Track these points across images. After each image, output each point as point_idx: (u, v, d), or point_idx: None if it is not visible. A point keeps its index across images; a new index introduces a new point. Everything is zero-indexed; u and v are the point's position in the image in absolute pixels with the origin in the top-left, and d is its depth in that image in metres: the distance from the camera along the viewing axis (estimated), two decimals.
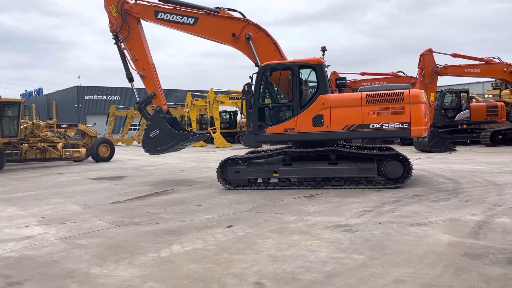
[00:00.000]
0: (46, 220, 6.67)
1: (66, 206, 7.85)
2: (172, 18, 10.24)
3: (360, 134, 8.57)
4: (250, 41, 9.65)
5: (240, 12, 10.04)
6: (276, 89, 9.27)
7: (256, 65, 9.55)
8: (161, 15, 10.28)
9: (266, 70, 8.98)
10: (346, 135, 8.62)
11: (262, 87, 8.98)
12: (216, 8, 10.02)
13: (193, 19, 10.13)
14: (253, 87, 8.99)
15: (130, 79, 11.15)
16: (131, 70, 10.97)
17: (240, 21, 9.89)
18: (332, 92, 9.05)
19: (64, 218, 6.80)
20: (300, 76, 8.86)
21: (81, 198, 8.79)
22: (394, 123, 8.28)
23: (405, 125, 8.23)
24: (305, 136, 8.75)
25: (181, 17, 10.18)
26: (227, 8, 10.06)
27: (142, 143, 10.71)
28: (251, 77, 9.09)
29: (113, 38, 10.87)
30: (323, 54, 9.63)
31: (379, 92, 8.50)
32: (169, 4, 10.28)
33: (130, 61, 10.92)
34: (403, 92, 8.31)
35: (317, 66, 8.79)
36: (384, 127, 8.32)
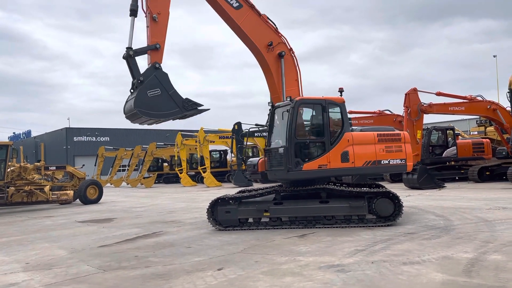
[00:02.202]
0: (31, 266, 6.47)
1: (52, 251, 7.64)
2: None
3: (376, 170, 9.19)
4: (283, 60, 9.48)
5: (276, 27, 9.95)
6: (306, 124, 9.34)
7: (274, 91, 9.28)
8: None
9: (301, 104, 8.99)
10: (366, 170, 9.07)
11: (296, 122, 8.78)
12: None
13: (237, 3, 9.63)
14: (284, 121, 8.82)
15: (134, 12, 8.82)
16: (139, 3, 8.91)
17: (279, 35, 9.72)
18: None
19: (49, 263, 6.60)
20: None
21: (68, 242, 8.57)
22: (396, 159, 9.17)
23: (403, 161, 9.22)
24: (336, 172, 8.98)
25: None
26: (267, 17, 9.85)
27: (135, 101, 8.29)
28: (272, 105, 9.07)
29: None
30: (341, 95, 9.87)
31: (385, 132, 9.33)
32: None
33: None
34: (400, 133, 9.46)
35: (342, 105, 9.07)
36: (391, 163, 9.11)
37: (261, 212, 8.76)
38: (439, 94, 18.06)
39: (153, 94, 8.19)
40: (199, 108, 8.71)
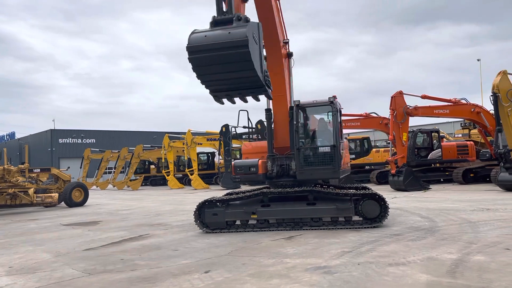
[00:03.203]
0: (14, 270, 6.36)
1: (36, 254, 7.52)
2: None
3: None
4: (291, 59, 9.31)
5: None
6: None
7: (279, 90, 8.91)
8: None
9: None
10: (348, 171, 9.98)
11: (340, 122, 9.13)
12: None
13: None
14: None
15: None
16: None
17: (283, 35, 9.31)
18: None
19: (33, 267, 6.50)
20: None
21: (52, 245, 8.45)
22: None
23: None
24: (345, 173, 9.58)
25: None
26: None
27: (247, 29, 6.23)
28: (297, 104, 8.92)
29: None
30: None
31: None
32: None
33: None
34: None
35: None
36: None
37: (249, 214, 8.76)
38: (424, 97, 18.30)
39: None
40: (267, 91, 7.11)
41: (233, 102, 7.22)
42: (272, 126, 9.42)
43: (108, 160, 36.33)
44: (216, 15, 6.49)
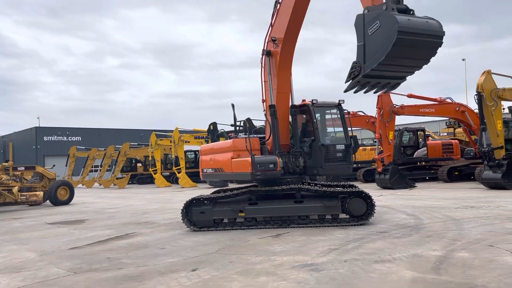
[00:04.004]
0: None
1: (21, 254, 7.42)
2: None
3: None
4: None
5: None
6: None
7: (284, 88, 9.26)
8: None
9: None
10: None
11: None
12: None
13: None
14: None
15: None
16: None
17: None
18: None
19: (18, 266, 6.41)
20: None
21: (37, 244, 8.34)
22: None
23: None
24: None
25: None
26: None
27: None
28: (313, 103, 9.22)
29: None
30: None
31: None
32: None
33: None
34: None
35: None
36: None
37: (236, 213, 8.77)
38: (410, 96, 18.52)
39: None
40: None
41: (368, 91, 6.95)
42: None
43: (94, 158, 35.91)
44: (398, 2, 6.25)
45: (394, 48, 5.93)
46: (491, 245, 6.14)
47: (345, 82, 6.74)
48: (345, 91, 6.84)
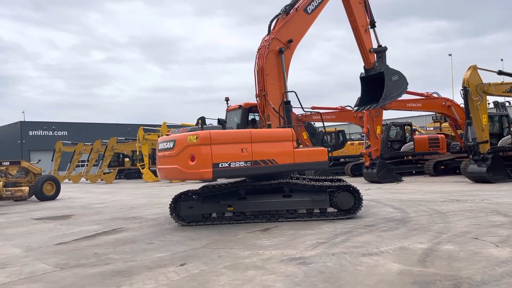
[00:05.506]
0: None
1: (6, 250, 7.32)
2: None
3: None
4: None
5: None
6: None
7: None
8: None
9: None
10: None
11: None
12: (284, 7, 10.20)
13: None
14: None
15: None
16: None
17: None
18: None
19: (3, 262, 6.32)
20: None
21: (23, 240, 8.24)
22: None
23: None
24: None
25: None
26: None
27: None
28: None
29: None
30: (227, 103, 10.78)
31: None
32: None
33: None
34: None
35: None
36: None
37: (225, 207, 8.76)
38: None
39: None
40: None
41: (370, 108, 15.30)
42: (269, 121, 9.48)
43: (80, 153, 35.55)
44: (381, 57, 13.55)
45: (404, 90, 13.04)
46: (476, 238, 6.24)
47: (355, 106, 12.96)
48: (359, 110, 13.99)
